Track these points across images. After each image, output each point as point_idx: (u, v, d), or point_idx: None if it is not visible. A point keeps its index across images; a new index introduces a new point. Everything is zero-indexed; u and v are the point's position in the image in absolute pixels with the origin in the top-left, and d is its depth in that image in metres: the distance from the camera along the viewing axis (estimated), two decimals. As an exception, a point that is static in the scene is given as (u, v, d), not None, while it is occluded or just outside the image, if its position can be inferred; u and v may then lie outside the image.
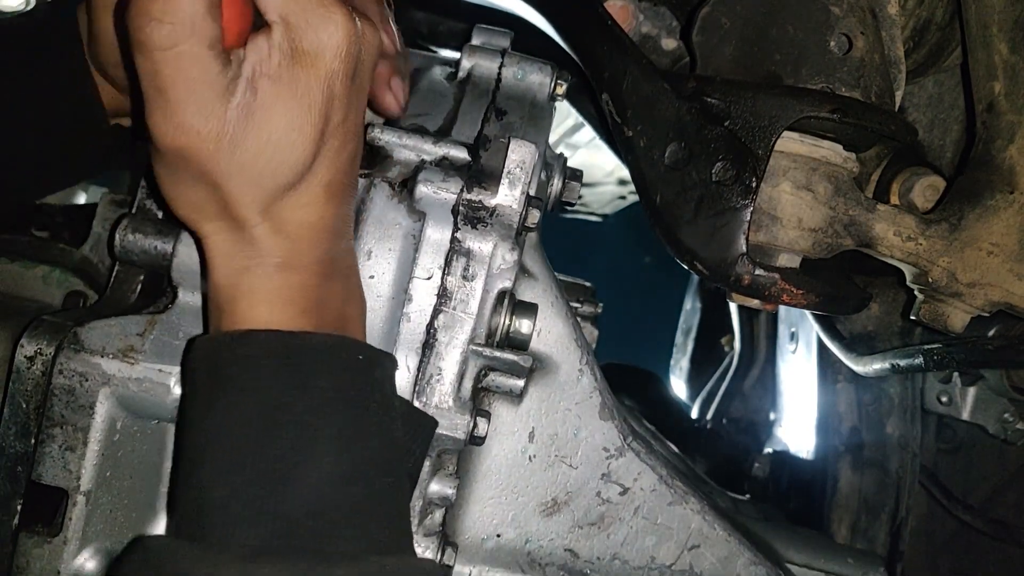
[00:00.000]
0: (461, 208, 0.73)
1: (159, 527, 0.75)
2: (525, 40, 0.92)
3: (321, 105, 0.57)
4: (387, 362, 0.64)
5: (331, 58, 0.57)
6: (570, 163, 0.91)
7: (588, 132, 2.17)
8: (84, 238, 0.91)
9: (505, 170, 0.73)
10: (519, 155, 0.73)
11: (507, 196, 0.73)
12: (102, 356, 0.70)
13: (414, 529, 0.75)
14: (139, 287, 0.81)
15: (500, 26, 0.90)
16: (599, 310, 0.99)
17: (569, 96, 1.17)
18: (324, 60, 0.57)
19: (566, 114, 2.10)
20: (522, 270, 0.82)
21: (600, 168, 2.48)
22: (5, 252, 0.89)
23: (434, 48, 1.31)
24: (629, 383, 1.59)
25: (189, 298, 0.73)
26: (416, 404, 0.72)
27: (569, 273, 1.04)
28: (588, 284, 1.04)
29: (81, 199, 1.70)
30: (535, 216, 0.75)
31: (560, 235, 0.89)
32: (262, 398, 0.55)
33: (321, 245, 0.61)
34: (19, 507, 0.71)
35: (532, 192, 0.76)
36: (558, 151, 0.93)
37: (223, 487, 0.54)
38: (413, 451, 0.68)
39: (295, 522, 0.54)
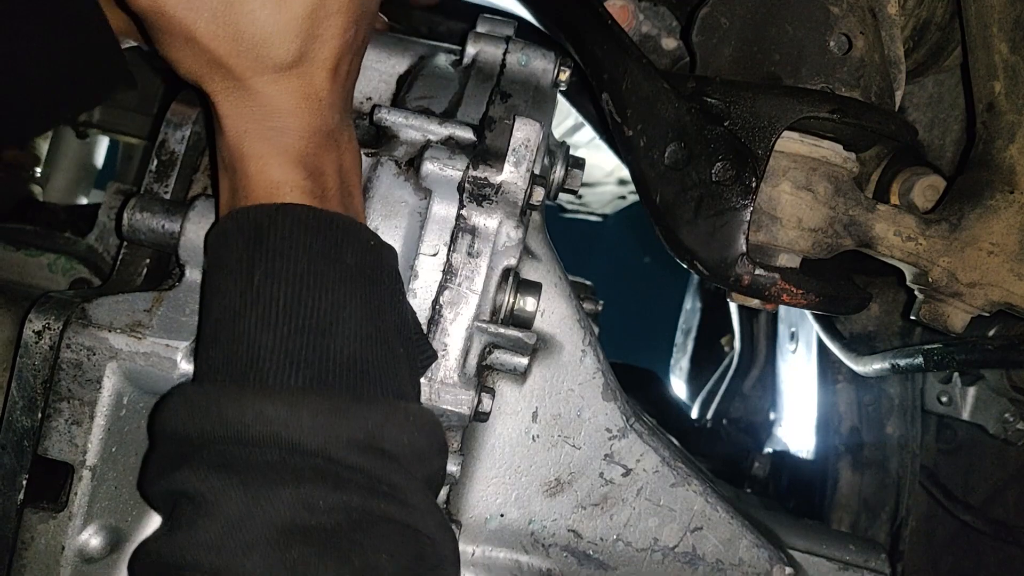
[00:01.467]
0: (467, 185, 0.73)
1: None
2: (525, 40, 0.92)
3: None
4: (391, 252, 0.69)
5: None
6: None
7: (588, 132, 2.17)
8: (89, 230, 0.91)
9: (510, 148, 0.74)
10: (524, 133, 0.74)
11: (512, 173, 0.74)
12: (110, 331, 0.71)
13: None
14: (145, 270, 0.81)
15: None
16: (599, 308, 0.99)
17: (569, 96, 1.17)
18: None
19: (566, 114, 2.10)
20: (526, 251, 0.82)
21: (600, 168, 2.48)
22: (11, 240, 0.89)
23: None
24: (629, 383, 1.58)
25: (197, 276, 0.73)
26: (421, 381, 0.73)
27: (569, 273, 1.04)
28: (588, 283, 1.04)
29: (83, 201, 1.71)
30: (540, 194, 0.75)
31: (560, 235, 0.89)
32: (300, 265, 0.61)
33: (319, 116, 0.65)
34: (25, 482, 0.71)
35: (537, 171, 0.76)
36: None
37: (266, 338, 0.59)
38: (420, 344, 0.71)
39: (333, 369, 0.60)
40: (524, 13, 1.11)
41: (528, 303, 0.76)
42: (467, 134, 0.76)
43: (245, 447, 0.56)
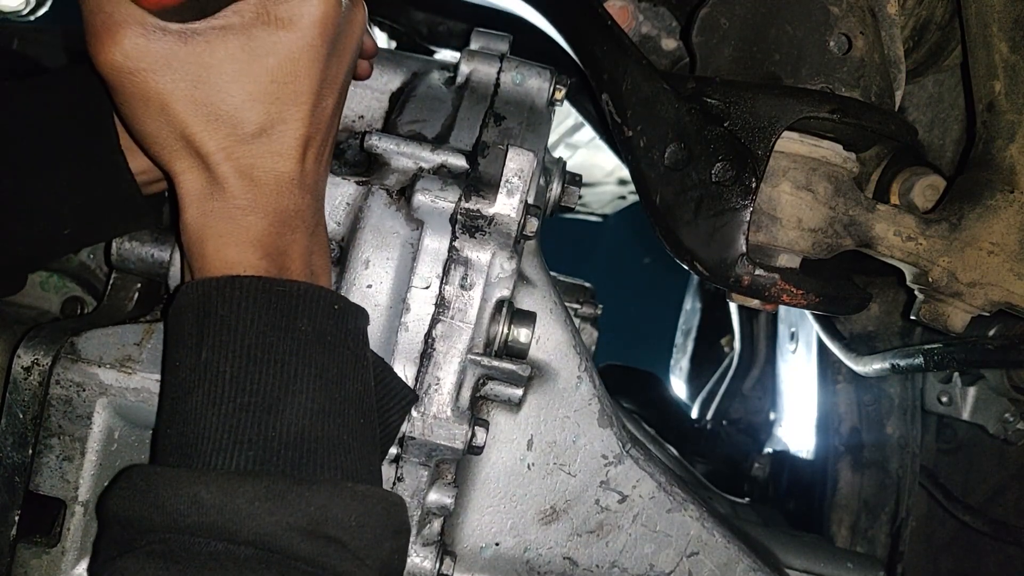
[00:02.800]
0: (459, 217, 0.73)
1: None
2: (525, 40, 0.92)
3: (286, 67, 0.61)
4: (360, 314, 0.66)
5: (307, 27, 0.61)
6: (570, 163, 0.91)
7: (588, 132, 2.17)
8: None
9: (503, 179, 0.73)
10: (517, 164, 0.73)
11: (505, 205, 0.73)
12: (99, 366, 0.70)
13: (412, 539, 0.75)
14: (136, 295, 0.81)
15: (500, 26, 0.90)
16: (599, 312, 0.99)
17: (569, 96, 1.17)
18: (298, 28, 0.60)
19: (566, 114, 2.10)
20: (521, 277, 0.81)
21: (600, 168, 2.48)
22: (3, 258, 0.89)
23: (434, 48, 1.31)
24: (629, 384, 1.59)
25: None
26: (414, 414, 0.72)
27: (569, 273, 1.04)
28: (588, 285, 1.03)
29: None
30: (533, 225, 0.74)
31: (560, 235, 0.89)
32: (248, 338, 0.58)
33: (287, 196, 0.64)
34: (17, 518, 0.71)
35: (530, 200, 0.75)
36: (558, 151, 0.93)
37: (210, 416, 0.57)
38: (389, 411, 0.70)
39: (276, 449, 0.57)
40: (524, 13, 1.11)
41: (522, 334, 0.75)
42: (460, 161, 0.75)
43: (184, 535, 0.53)
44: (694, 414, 1.76)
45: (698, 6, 0.89)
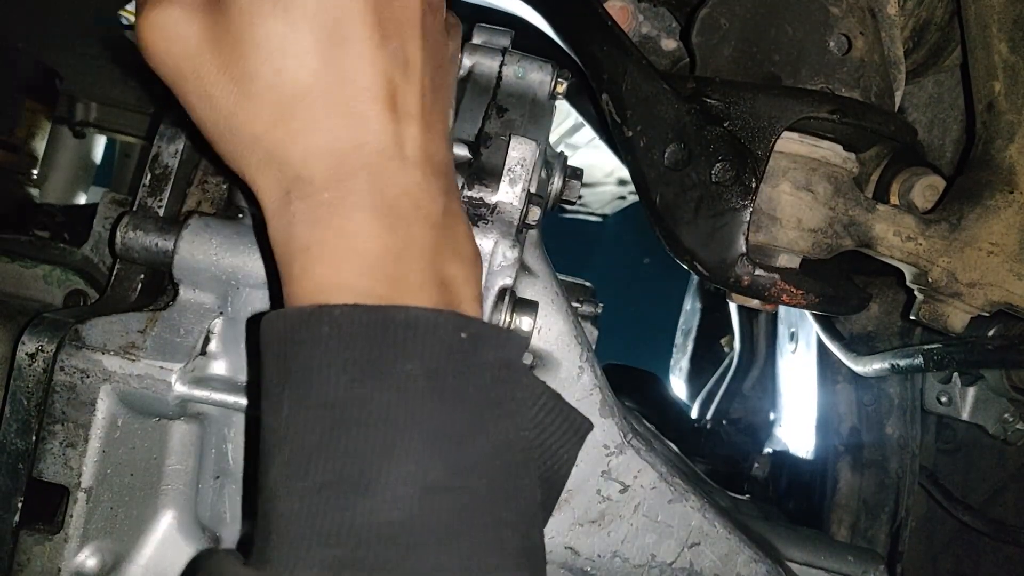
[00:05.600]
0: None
1: (160, 524, 0.75)
2: (525, 40, 0.92)
3: (324, 4, 0.48)
4: (504, 340, 0.50)
5: None
6: (570, 163, 0.91)
7: (588, 132, 2.17)
8: (85, 238, 0.91)
9: (506, 167, 0.73)
10: (520, 152, 0.73)
11: (508, 193, 0.73)
12: (103, 353, 0.70)
13: None
14: (140, 286, 0.81)
15: (500, 26, 0.90)
16: (599, 310, 0.99)
17: (569, 96, 1.17)
18: None
19: (566, 114, 2.10)
20: (522, 267, 0.82)
21: (600, 168, 2.49)
22: (5, 251, 0.89)
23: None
24: (629, 383, 1.59)
25: (191, 295, 0.73)
26: None
27: (569, 273, 1.04)
28: (588, 284, 1.03)
29: (82, 199, 1.71)
30: (536, 213, 0.75)
31: (560, 235, 0.89)
32: (334, 391, 0.45)
33: (386, 176, 0.49)
34: (20, 504, 0.71)
35: (533, 189, 0.76)
36: (558, 151, 0.93)
37: (286, 498, 0.45)
38: (558, 453, 0.57)
39: (366, 542, 0.43)
40: (524, 13, 1.11)
41: (524, 323, 0.75)
42: (462, 151, 0.76)
43: None
44: (694, 414, 1.76)
45: (698, 6, 0.90)
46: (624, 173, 2.36)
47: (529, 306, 0.76)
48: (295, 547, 0.43)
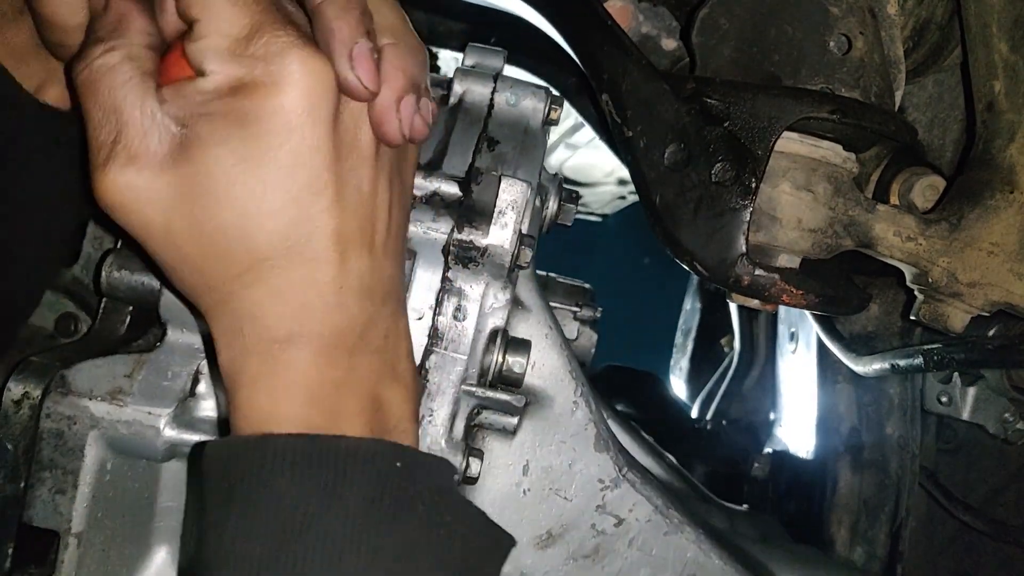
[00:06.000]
0: (452, 248, 0.72)
1: (155, 561, 0.75)
2: (525, 40, 0.91)
3: (284, 150, 0.49)
4: (435, 467, 0.55)
5: (289, 96, 0.49)
6: (570, 163, 0.91)
7: (588, 132, 2.17)
8: (75, 258, 0.90)
9: (496, 210, 0.72)
10: (511, 195, 0.72)
11: (498, 236, 0.72)
12: (90, 399, 0.69)
13: None
14: (128, 319, 0.80)
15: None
16: (598, 314, 0.98)
17: (569, 96, 1.16)
18: (279, 95, 0.49)
19: (566, 114, 2.10)
20: (515, 302, 0.81)
21: (600, 168, 2.49)
22: (-5, 276, 0.89)
23: (434, 48, 1.31)
24: (629, 384, 1.59)
25: (178, 336, 0.72)
26: None
27: (569, 273, 1.04)
28: (587, 287, 1.03)
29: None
30: (527, 255, 0.74)
31: (560, 235, 0.89)
32: (280, 517, 0.48)
33: (334, 311, 0.52)
34: (11, 550, 0.70)
35: (524, 229, 0.75)
36: (558, 151, 0.92)
37: None
38: (484, 570, 0.59)
39: None
40: (524, 13, 1.11)
41: (517, 364, 0.74)
42: (453, 189, 0.74)
43: None
44: (694, 414, 1.76)
45: (698, 6, 0.90)
46: (624, 173, 2.36)
47: (522, 346, 0.76)
48: None
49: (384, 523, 0.49)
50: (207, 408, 0.71)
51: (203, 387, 0.71)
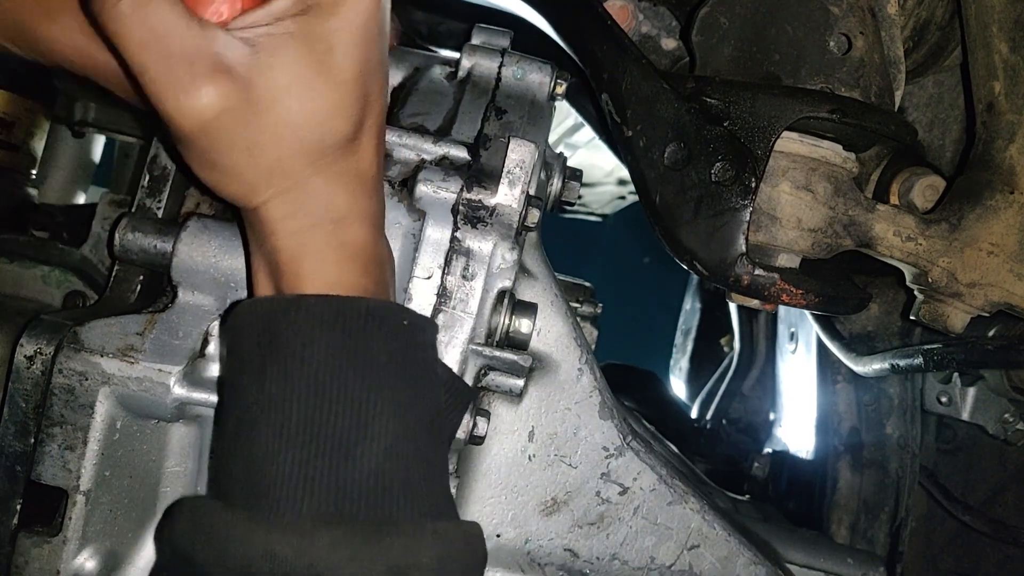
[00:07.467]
0: (461, 207, 0.73)
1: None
2: (525, 40, 0.91)
3: (350, 58, 0.57)
4: (429, 327, 0.62)
5: (354, 5, 0.57)
6: (570, 163, 0.91)
7: (588, 132, 2.17)
8: (84, 238, 0.91)
9: (505, 169, 0.73)
10: (519, 154, 0.73)
11: (507, 195, 0.74)
12: (102, 355, 0.70)
13: None
14: (139, 287, 0.81)
15: (500, 26, 0.90)
16: (599, 311, 0.99)
17: (569, 96, 1.16)
18: (347, 8, 0.57)
19: (566, 114, 2.10)
20: (522, 269, 0.82)
21: (600, 168, 2.48)
22: (4, 252, 0.89)
23: (434, 48, 1.31)
24: (629, 383, 1.59)
25: (189, 297, 0.73)
26: None
27: (569, 273, 1.04)
28: (588, 284, 1.03)
29: (81, 199, 1.71)
30: (535, 215, 0.75)
31: (560, 235, 0.89)
32: (319, 370, 0.54)
33: (376, 195, 0.62)
34: (18, 507, 0.71)
35: (532, 191, 0.76)
36: (558, 151, 0.93)
37: (280, 459, 0.54)
38: (452, 418, 0.67)
39: (352, 494, 0.54)
40: (524, 13, 1.11)
41: (523, 325, 0.75)
42: (462, 153, 0.76)
43: None
44: (694, 414, 1.76)
45: (698, 6, 0.89)
46: (624, 173, 2.36)
47: (528, 308, 0.76)
48: (289, 498, 0.53)
49: (399, 376, 0.57)
50: (216, 369, 0.72)
51: (213, 348, 0.72)
